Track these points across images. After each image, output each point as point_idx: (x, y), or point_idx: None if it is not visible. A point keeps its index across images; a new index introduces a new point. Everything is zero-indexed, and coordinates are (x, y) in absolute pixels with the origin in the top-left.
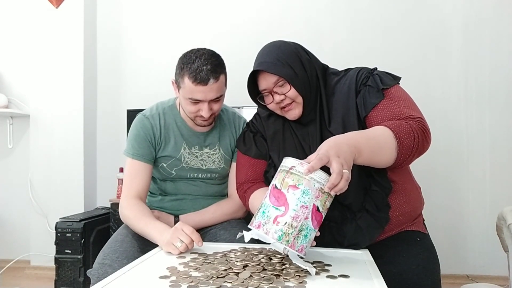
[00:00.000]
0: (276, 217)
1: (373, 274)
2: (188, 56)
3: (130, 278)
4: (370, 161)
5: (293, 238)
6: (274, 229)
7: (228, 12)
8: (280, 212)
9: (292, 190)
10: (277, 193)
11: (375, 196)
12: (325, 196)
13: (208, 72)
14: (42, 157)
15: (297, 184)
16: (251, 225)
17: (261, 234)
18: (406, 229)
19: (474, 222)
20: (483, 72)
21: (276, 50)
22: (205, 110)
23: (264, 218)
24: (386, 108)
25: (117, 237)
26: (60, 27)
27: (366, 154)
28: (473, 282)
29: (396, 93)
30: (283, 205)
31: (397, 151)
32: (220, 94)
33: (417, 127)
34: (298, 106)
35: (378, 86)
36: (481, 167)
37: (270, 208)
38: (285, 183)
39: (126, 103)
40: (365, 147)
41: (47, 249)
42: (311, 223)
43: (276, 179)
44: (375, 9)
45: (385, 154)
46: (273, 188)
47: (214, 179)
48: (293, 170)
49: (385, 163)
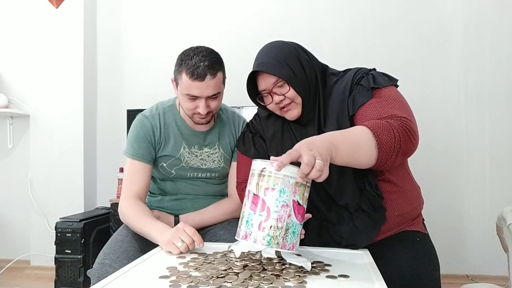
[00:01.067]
0: (260, 223)
1: (373, 274)
2: (186, 53)
3: (130, 278)
4: (349, 159)
5: (282, 238)
6: (262, 236)
7: (228, 12)
8: (262, 217)
9: (269, 193)
10: (255, 198)
11: (370, 197)
12: (302, 189)
13: (205, 68)
14: (42, 157)
15: (272, 185)
16: (238, 236)
17: (250, 244)
18: (405, 229)
19: (474, 222)
20: (483, 72)
21: (275, 51)
22: (202, 106)
23: (248, 227)
24: (372, 107)
25: (117, 237)
26: (60, 27)
27: (343, 152)
28: (473, 282)
29: (387, 93)
30: (264, 210)
31: (377, 150)
32: (217, 91)
33: (399, 126)
34: (297, 107)
35: (369, 85)
36: (481, 167)
37: (252, 215)
38: (259, 187)
39: (126, 103)
40: (342, 144)
41: (47, 249)
42: (295, 219)
43: (251, 185)
44: (375, 9)
45: (364, 153)
46: (251, 195)
47: (214, 179)
48: (264, 172)
49: (366, 163)
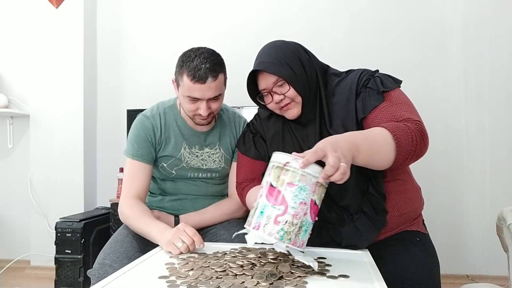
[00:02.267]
0: (276, 216)
1: (373, 274)
2: (187, 54)
3: (130, 278)
4: (368, 160)
5: (295, 235)
6: (276, 230)
7: (228, 12)
8: (280, 211)
9: (289, 188)
10: (274, 191)
11: (373, 199)
12: (321, 190)
13: (206, 70)
14: (42, 157)
15: (294, 181)
16: (249, 225)
17: (263, 236)
18: (405, 229)
19: (474, 222)
20: (483, 72)
21: (275, 50)
22: (204, 108)
23: (263, 218)
24: (385, 110)
25: (117, 237)
26: (60, 27)
27: (364, 153)
28: (473, 282)
29: (396, 96)
30: (282, 204)
31: (395, 153)
32: (218, 93)
33: (415, 130)
34: (297, 106)
35: (379, 89)
36: (481, 167)
37: (269, 207)
38: (281, 180)
39: (126, 103)
40: (363, 146)
41: (47, 249)
42: (309, 217)
43: (271, 176)
44: (375, 9)
45: (383, 155)
46: (269, 186)
47: (214, 179)
48: (288, 166)
49: (383, 165)
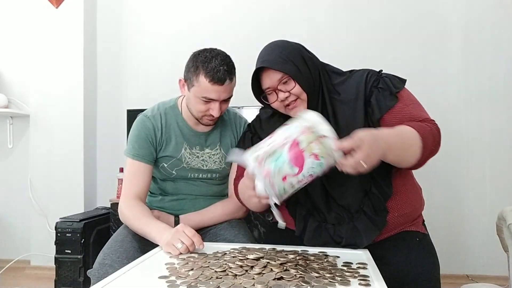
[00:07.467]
0: (286, 175)
1: (373, 274)
2: (203, 55)
3: (130, 278)
4: (397, 159)
5: (286, 195)
6: (280, 186)
7: (228, 12)
8: (293, 172)
9: (313, 159)
10: (297, 150)
11: (374, 199)
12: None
13: (225, 72)
14: (42, 157)
15: (320, 155)
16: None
17: (267, 184)
18: (405, 229)
19: (474, 222)
20: (483, 72)
21: (278, 48)
22: (216, 109)
23: (275, 169)
24: (402, 111)
25: (117, 237)
26: (60, 27)
27: (394, 153)
28: (473, 282)
29: (407, 96)
30: (297, 166)
31: (421, 152)
32: (231, 94)
33: (436, 130)
34: (303, 103)
35: (391, 89)
36: (481, 168)
37: (286, 163)
38: (310, 147)
39: (126, 103)
40: (395, 145)
41: (47, 249)
42: (302, 187)
43: (302, 136)
44: (375, 9)
45: (410, 154)
46: (295, 143)
47: (215, 179)
48: (324, 140)
49: (408, 164)
